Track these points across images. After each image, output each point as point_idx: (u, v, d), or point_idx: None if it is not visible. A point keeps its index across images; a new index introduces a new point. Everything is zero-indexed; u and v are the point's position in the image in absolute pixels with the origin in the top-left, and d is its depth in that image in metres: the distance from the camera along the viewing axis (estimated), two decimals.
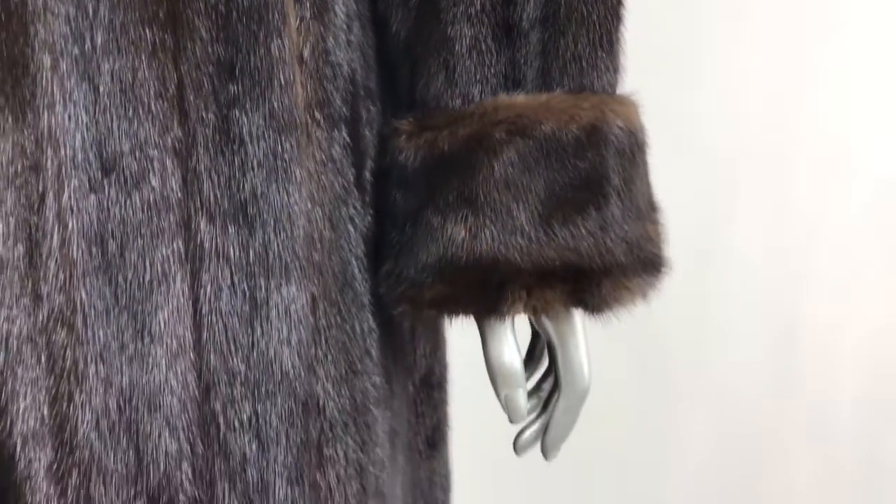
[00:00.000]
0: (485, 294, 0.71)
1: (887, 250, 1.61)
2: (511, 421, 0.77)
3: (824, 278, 1.60)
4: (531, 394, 0.80)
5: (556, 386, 0.78)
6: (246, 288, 0.67)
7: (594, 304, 0.72)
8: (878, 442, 1.65)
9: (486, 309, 0.72)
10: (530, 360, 0.84)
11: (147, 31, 0.64)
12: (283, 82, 0.67)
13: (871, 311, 1.62)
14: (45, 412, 0.64)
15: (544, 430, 0.78)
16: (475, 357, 0.76)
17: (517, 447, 0.80)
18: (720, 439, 1.63)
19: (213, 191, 0.66)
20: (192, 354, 0.66)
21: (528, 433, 0.80)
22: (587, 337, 0.75)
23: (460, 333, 0.77)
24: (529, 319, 0.77)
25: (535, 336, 0.83)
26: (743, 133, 1.55)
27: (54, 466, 0.64)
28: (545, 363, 0.82)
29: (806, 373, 1.61)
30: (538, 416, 0.80)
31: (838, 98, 1.57)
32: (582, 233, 0.69)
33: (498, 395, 0.76)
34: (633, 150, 0.72)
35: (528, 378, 0.80)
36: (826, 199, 1.58)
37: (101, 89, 0.64)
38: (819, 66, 1.56)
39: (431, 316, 0.75)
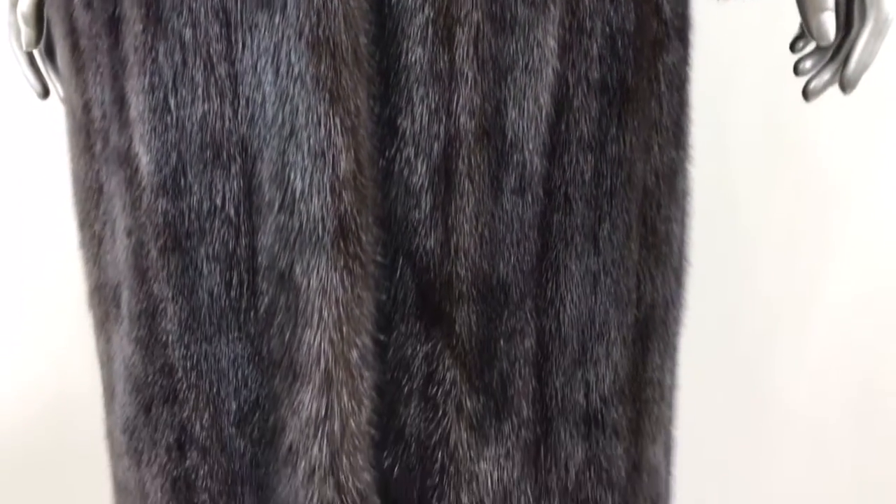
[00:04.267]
0: None
1: None
2: (819, 44, 0.86)
3: None
4: (814, 51, 0.89)
5: (849, 25, 0.86)
6: (604, 28, 0.74)
7: None
8: None
9: None
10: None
11: None
12: None
13: None
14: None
15: (842, 69, 0.85)
16: None
17: (809, 92, 0.89)
18: None
19: None
20: (553, 77, 0.73)
21: (817, 80, 0.88)
22: None
23: None
24: None
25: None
26: None
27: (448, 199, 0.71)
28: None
29: None
30: (822, 68, 0.88)
31: None
32: None
33: (809, 23, 0.85)
34: None
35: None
36: None
37: None
38: None
39: None
